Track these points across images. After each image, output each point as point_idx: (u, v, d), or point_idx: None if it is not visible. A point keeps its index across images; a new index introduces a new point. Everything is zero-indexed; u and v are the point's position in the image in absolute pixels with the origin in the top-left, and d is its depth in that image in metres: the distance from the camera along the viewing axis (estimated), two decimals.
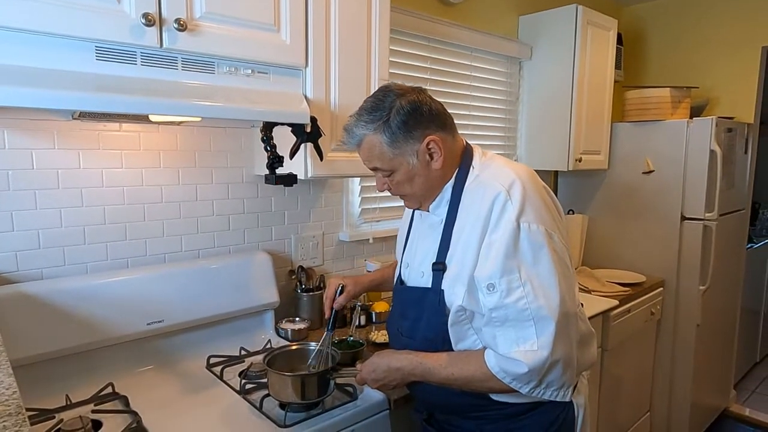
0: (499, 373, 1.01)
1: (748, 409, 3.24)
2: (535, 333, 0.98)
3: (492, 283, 0.99)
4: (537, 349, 0.97)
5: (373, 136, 1.08)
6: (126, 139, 1.47)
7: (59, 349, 1.29)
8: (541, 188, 1.08)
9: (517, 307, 0.98)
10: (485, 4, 2.47)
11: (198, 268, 1.55)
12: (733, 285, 3.11)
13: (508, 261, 0.99)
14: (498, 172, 1.09)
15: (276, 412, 1.22)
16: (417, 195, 1.14)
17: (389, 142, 1.07)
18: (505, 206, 1.01)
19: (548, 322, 0.98)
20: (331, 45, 1.48)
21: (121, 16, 1.08)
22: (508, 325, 0.99)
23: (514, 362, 0.98)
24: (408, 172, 1.10)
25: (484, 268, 1.00)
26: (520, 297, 0.98)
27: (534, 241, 1.00)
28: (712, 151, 2.54)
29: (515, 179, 1.04)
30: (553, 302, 0.98)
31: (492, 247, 1.00)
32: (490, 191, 1.04)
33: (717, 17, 3.03)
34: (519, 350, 0.98)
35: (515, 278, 0.98)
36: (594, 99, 2.63)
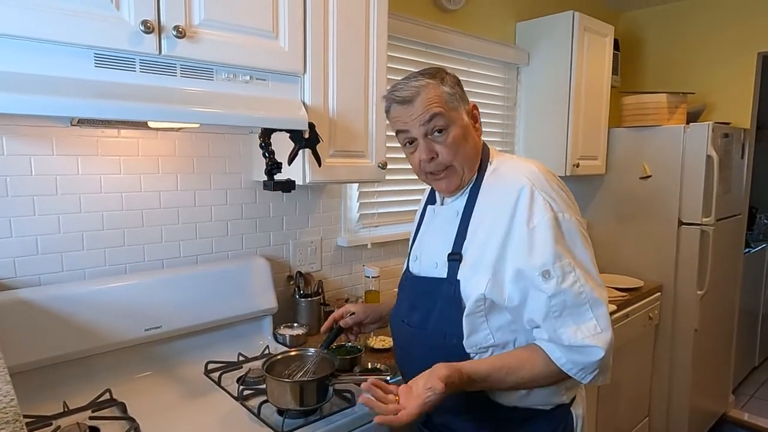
0: (567, 365, 1.00)
1: (746, 413, 3.24)
2: (593, 316, 0.99)
3: (547, 269, 0.99)
4: (601, 331, 0.99)
5: (435, 85, 1.08)
6: (124, 145, 1.47)
7: (57, 356, 1.29)
8: (559, 181, 1.11)
9: (573, 291, 0.99)
10: (483, 11, 2.49)
11: (196, 273, 1.55)
12: (730, 290, 3.12)
13: (557, 247, 1.00)
14: (517, 165, 1.12)
15: (274, 418, 1.22)
16: (465, 162, 1.11)
17: (449, 93, 1.09)
18: (534, 197, 1.02)
19: (600, 303, 1.01)
20: (329, 51, 1.49)
21: (120, 23, 1.09)
22: (566, 314, 0.99)
23: (587, 349, 0.98)
24: (463, 128, 1.10)
25: (534, 257, 1.00)
26: (575, 281, 0.99)
27: (569, 229, 1.03)
28: (709, 156, 2.55)
29: (537, 173, 1.07)
30: (598, 284, 1.03)
31: (535, 236, 1.01)
32: (514, 183, 1.06)
33: (713, 23, 3.05)
34: (588, 336, 0.98)
35: (567, 263, 1.00)
36: (591, 104, 2.65)
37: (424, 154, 1.10)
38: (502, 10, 2.60)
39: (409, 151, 1.14)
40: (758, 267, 3.74)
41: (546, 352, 1.02)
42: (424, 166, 1.12)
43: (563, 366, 1.00)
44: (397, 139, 1.15)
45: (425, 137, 1.09)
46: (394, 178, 2.17)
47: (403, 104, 1.09)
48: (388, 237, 2.16)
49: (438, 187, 1.18)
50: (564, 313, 0.99)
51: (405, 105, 1.09)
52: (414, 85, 1.08)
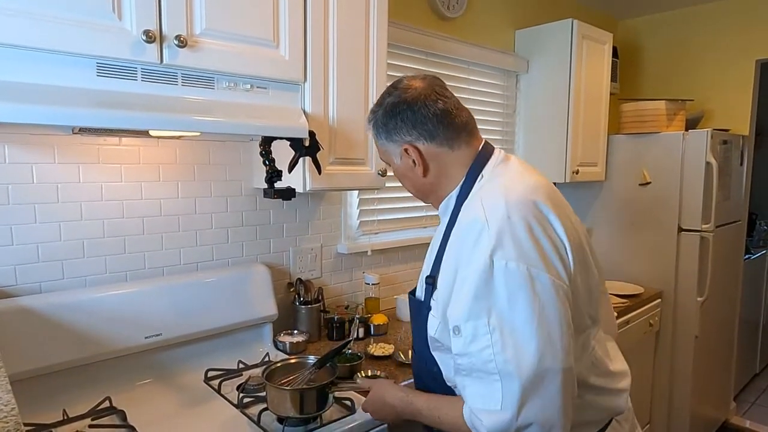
0: (471, 421, 0.90)
1: (748, 421, 3.23)
2: (500, 390, 0.85)
3: (458, 326, 0.89)
4: (500, 410, 0.85)
5: (371, 128, 1.08)
6: (126, 153, 1.48)
7: (57, 363, 1.29)
8: (539, 214, 0.92)
9: (481, 357, 0.86)
10: (482, 19, 2.50)
11: (196, 281, 1.55)
12: (731, 296, 3.12)
13: (477, 303, 0.86)
14: (493, 188, 0.97)
15: (274, 426, 1.22)
16: (413, 194, 1.12)
17: (376, 137, 1.08)
18: (480, 236, 0.89)
19: (513, 380, 0.84)
20: (329, 60, 1.50)
21: (122, 33, 1.10)
22: (475, 376, 0.88)
23: (478, 421, 0.88)
24: (396, 170, 1.09)
25: (454, 309, 0.90)
26: (486, 346, 0.85)
27: (510, 283, 0.86)
28: (708, 163, 2.56)
29: (503, 206, 0.90)
30: (525, 357, 0.84)
31: (463, 284, 0.89)
32: (470, 213, 0.94)
33: (711, 31, 3.07)
34: (483, 409, 0.87)
35: (482, 323, 0.86)
36: (590, 111, 2.66)
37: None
38: (502, 18, 2.62)
39: None
40: (758, 273, 3.74)
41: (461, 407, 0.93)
42: None
43: (468, 423, 0.91)
44: None
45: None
46: (394, 185, 2.18)
47: None
48: (388, 244, 2.16)
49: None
50: (473, 374, 0.89)
51: None
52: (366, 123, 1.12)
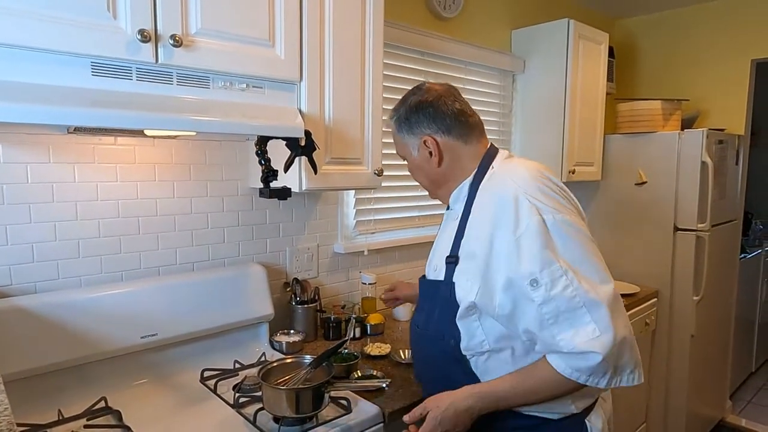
0: (573, 374, 0.97)
1: (744, 419, 3.24)
2: (591, 319, 0.95)
3: (535, 278, 0.97)
4: (600, 334, 0.94)
5: (393, 124, 1.24)
6: (121, 153, 1.48)
7: (52, 363, 1.29)
8: (553, 182, 1.10)
9: (565, 296, 0.96)
10: (478, 19, 2.51)
11: (192, 280, 1.55)
12: (726, 295, 3.13)
13: (544, 253, 0.97)
14: (510, 169, 1.12)
15: (270, 425, 1.22)
16: (426, 186, 1.26)
17: (397, 131, 1.23)
18: (519, 203, 1.01)
19: (598, 305, 0.96)
20: (325, 59, 1.50)
21: (117, 32, 1.10)
22: (562, 319, 0.96)
23: (585, 355, 0.95)
24: (412, 162, 1.23)
25: (522, 265, 0.98)
26: (566, 285, 0.96)
27: (560, 229, 1.00)
28: (704, 162, 2.57)
29: (526, 176, 1.07)
30: (598, 284, 0.98)
31: (522, 243, 0.99)
32: (500, 190, 1.07)
33: (707, 31, 3.08)
34: (585, 341, 0.94)
35: (556, 268, 0.97)
36: (586, 111, 2.66)
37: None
38: (498, 18, 2.62)
39: None
40: (754, 272, 3.75)
41: (550, 364, 1.00)
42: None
43: (570, 375, 0.97)
44: None
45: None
46: (390, 185, 2.18)
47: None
48: (384, 243, 2.16)
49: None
50: (559, 319, 0.96)
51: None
52: (388, 119, 1.27)
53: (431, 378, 1.22)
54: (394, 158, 2.16)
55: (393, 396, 1.39)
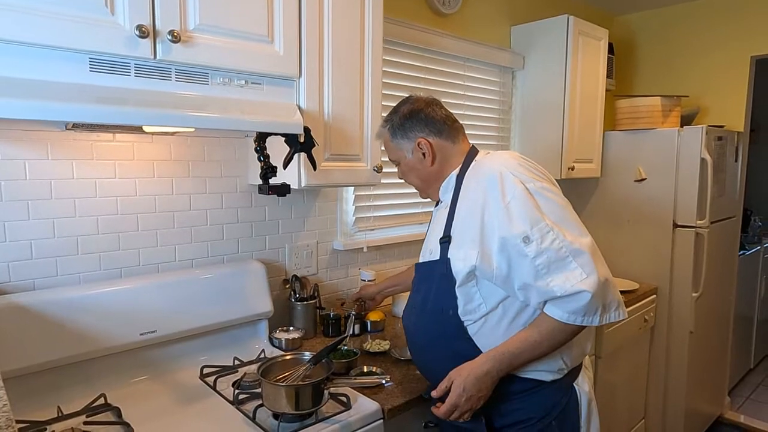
0: (569, 317, 1.10)
1: (742, 415, 3.25)
2: (577, 265, 1.09)
3: (527, 235, 1.10)
4: (586, 276, 1.08)
5: (386, 132, 1.36)
6: (119, 150, 1.47)
7: (51, 360, 1.29)
8: (531, 163, 1.24)
9: (554, 247, 1.09)
10: (478, 15, 2.50)
11: (192, 277, 1.55)
12: (725, 292, 3.13)
13: (531, 213, 1.11)
14: (492, 157, 1.27)
15: (269, 422, 1.22)
16: (418, 186, 1.38)
17: (392, 138, 1.34)
18: (504, 177, 1.15)
19: (581, 252, 1.10)
20: (324, 56, 1.49)
21: (115, 28, 1.09)
22: (553, 268, 1.09)
23: (576, 296, 1.07)
24: (406, 164, 1.34)
25: (514, 226, 1.11)
26: (553, 238, 1.09)
27: (541, 194, 1.14)
28: (703, 159, 2.57)
29: (508, 158, 1.22)
30: (579, 235, 1.12)
31: (511, 207, 1.12)
32: (487, 171, 1.21)
33: (707, 27, 3.07)
34: (574, 283, 1.07)
35: (544, 225, 1.10)
36: (586, 108, 2.66)
37: (398, 173, 1.41)
38: (498, 14, 2.62)
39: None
40: (753, 269, 3.76)
41: (548, 315, 1.12)
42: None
43: (566, 320, 1.10)
44: None
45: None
46: (389, 182, 2.18)
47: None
48: (384, 240, 2.16)
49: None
50: (551, 269, 1.09)
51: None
52: (379, 130, 1.39)
53: (432, 354, 1.29)
54: None
55: (392, 392, 1.39)
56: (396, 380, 1.46)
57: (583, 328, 1.14)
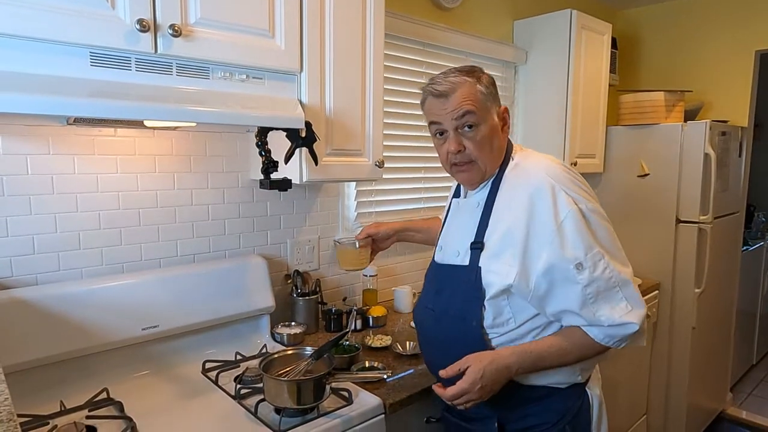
0: (609, 340, 1.09)
1: (744, 411, 3.25)
2: (623, 296, 1.08)
3: (580, 262, 1.06)
4: (632, 308, 1.08)
5: (471, 84, 1.14)
6: (121, 144, 1.47)
7: (54, 355, 1.29)
8: (575, 172, 1.18)
9: (604, 277, 1.06)
10: (480, 9, 2.49)
11: (193, 272, 1.55)
12: (728, 288, 3.12)
13: (585, 239, 1.07)
14: (538, 162, 1.18)
15: (271, 417, 1.22)
16: (486, 160, 1.18)
17: (484, 92, 1.15)
18: (556, 193, 1.09)
19: (628, 283, 1.09)
20: (325, 50, 1.49)
21: (116, 22, 1.09)
22: (600, 297, 1.07)
23: (623, 326, 1.07)
24: (492, 128, 1.17)
25: (567, 251, 1.06)
26: (605, 268, 1.07)
27: (593, 217, 1.10)
28: (707, 154, 2.56)
29: (557, 169, 1.14)
30: (622, 264, 1.11)
31: (564, 230, 1.07)
32: (536, 180, 1.12)
33: (711, 22, 3.05)
34: (621, 315, 1.07)
35: (596, 252, 1.07)
36: (589, 103, 2.65)
37: (453, 146, 1.16)
38: (500, 9, 2.60)
39: (439, 142, 1.21)
40: (756, 265, 3.75)
41: (585, 332, 1.10)
42: (451, 157, 1.18)
43: (603, 342, 1.10)
44: (429, 130, 1.23)
45: (456, 131, 1.16)
46: (391, 177, 2.17)
47: (439, 98, 1.15)
48: None
49: (460, 179, 1.26)
50: (598, 298, 1.07)
51: (440, 98, 1.14)
52: (451, 80, 1.14)
53: (448, 358, 1.19)
54: (395, 150, 2.16)
55: (394, 387, 1.39)
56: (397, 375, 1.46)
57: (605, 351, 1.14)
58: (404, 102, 2.18)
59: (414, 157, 2.28)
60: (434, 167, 2.35)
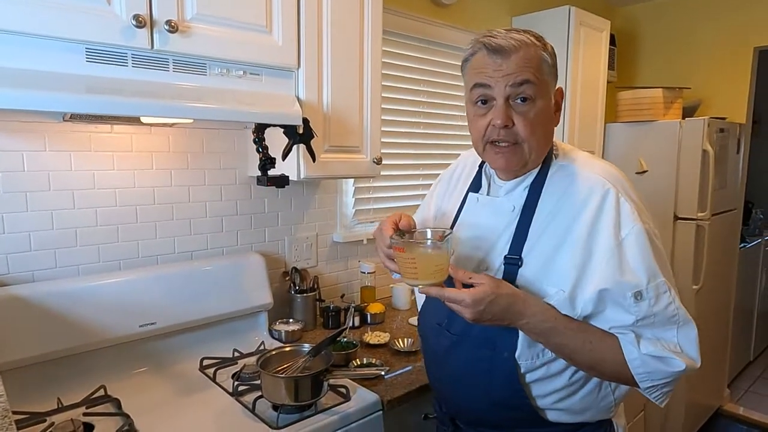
0: (640, 368, 0.90)
1: (741, 407, 3.26)
2: (676, 336, 0.91)
3: (639, 291, 0.88)
4: (682, 351, 0.91)
5: (537, 49, 0.93)
6: (118, 141, 1.47)
7: (51, 352, 1.29)
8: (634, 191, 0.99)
9: (667, 313, 0.90)
10: (478, 6, 2.48)
11: (191, 269, 1.54)
12: (726, 284, 3.13)
13: (650, 265, 0.89)
14: (593, 164, 0.99)
15: (269, 413, 1.22)
16: (534, 146, 0.96)
17: (549, 63, 0.95)
18: (620, 204, 0.91)
19: (691, 327, 0.92)
20: (323, 46, 1.48)
21: (112, 17, 1.08)
22: (649, 328, 0.91)
23: (668, 360, 0.89)
24: (548, 108, 0.97)
25: (626, 275, 0.89)
26: (669, 302, 0.90)
27: (656, 245, 0.92)
28: (705, 151, 2.56)
29: (618, 176, 0.96)
30: (682, 304, 0.93)
31: (625, 249, 0.89)
32: (593, 185, 0.93)
33: (709, 18, 3.05)
34: (669, 351, 0.89)
35: (661, 282, 0.89)
36: (587, 99, 2.64)
37: (500, 119, 0.93)
38: (498, 5, 2.59)
39: (480, 111, 0.96)
40: (753, 262, 3.75)
41: (622, 349, 0.91)
42: (491, 132, 0.95)
43: (634, 369, 0.90)
44: (468, 95, 0.99)
45: (506, 101, 0.93)
46: (389, 174, 2.17)
47: (496, 54, 0.92)
48: None
49: (495, 162, 1.00)
50: (646, 329, 0.91)
51: (497, 56, 0.92)
52: (516, 38, 0.91)
53: (464, 390, 1.06)
54: (393, 147, 2.16)
55: (392, 384, 1.39)
56: (395, 372, 1.46)
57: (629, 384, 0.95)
58: (402, 99, 2.18)
59: (412, 153, 2.27)
60: (432, 164, 2.34)
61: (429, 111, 2.30)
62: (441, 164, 2.33)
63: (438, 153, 2.36)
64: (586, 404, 1.01)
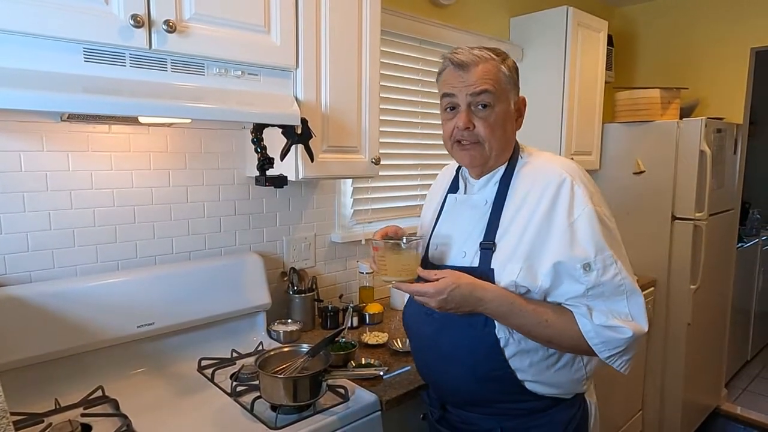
0: (598, 344, 1.02)
1: (739, 407, 3.27)
2: (627, 306, 1.03)
3: (588, 263, 1.01)
4: (632, 320, 1.02)
5: (495, 63, 1.10)
6: (115, 141, 1.46)
7: (48, 353, 1.28)
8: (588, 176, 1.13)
9: (614, 283, 1.02)
10: (476, 6, 2.48)
11: (189, 270, 1.54)
12: (723, 284, 3.14)
13: (598, 241, 1.02)
14: (553, 159, 1.15)
15: (267, 414, 1.22)
16: (494, 145, 1.12)
17: (506, 75, 1.11)
18: (575, 191, 1.04)
19: (638, 296, 1.03)
20: (321, 46, 1.48)
21: (110, 17, 1.08)
22: (601, 299, 1.02)
23: (618, 328, 1.00)
24: (506, 114, 1.13)
25: (576, 250, 1.02)
26: (616, 273, 1.02)
27: (607, 224, 1.05)
28: (702, 151, 2.56)
29: (575, 167, 1.10)
30: (633, 277, 1.05)
31: (576, 228, 1.02)
32: (553, 175, 1.07)
33: (706, 19, 3.06)
34: (619, 321, 1.01)
35: (608, 255, 1.02)
36: (585, 100, 2.65)
37: (462, 121, 1.10)
38: (496, 5, 2.60)
39: (448, 117, 1.14)
40: (751, 261, 3.76)
41: (577, 322, 1.03)
42: (457, 133, 1.12)
43: (590, 340, 1.02)
44: (441, 103, 1.16)
45: (468, 107, 1.10)
46: (387, 174, 2.17)
47: (459, 68, 1.10)
48: None
49: (461, 159, 1.17)
50: (599, 299, 1.03)
51: (460, 70, 1.10)
52: (476, 54, 1.09)
53: (452, 372, 1.15)
54: (391, 147, 2.16)
55: (390, 384, 1.39)
56: (393, 372, 1.46)
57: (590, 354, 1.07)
58: (400, 99, 2.18)
59: (410, 154, 2.27)
60: (430, 164, 2.34)
61: (427, 111, 2.30)
62: (439, 164, 2.34)
63: (436, 153, 2.36)
64: (561, 376, 1.13)
